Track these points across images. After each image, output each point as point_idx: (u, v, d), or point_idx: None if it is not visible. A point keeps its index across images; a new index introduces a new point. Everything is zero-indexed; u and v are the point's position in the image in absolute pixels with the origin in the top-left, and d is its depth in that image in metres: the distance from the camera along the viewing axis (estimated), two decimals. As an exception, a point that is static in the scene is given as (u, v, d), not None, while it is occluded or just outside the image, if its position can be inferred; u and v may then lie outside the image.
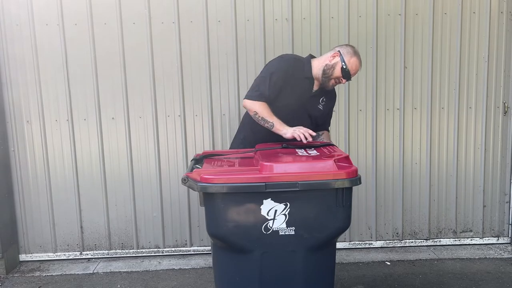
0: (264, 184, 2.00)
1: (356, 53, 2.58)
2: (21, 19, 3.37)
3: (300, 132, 2.42)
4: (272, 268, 2.16)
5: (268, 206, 2.05)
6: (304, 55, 3.42)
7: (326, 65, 2.59)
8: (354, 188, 3.67)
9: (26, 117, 3.47)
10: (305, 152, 2.30)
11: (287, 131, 2.46)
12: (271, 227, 2.07)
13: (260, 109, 2.52)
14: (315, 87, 2.67)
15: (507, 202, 3.75)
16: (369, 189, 3.65)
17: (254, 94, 2.54)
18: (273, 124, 2.50)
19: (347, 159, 2.17)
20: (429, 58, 3.53)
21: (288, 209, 2.06)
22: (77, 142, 3.51)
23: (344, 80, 2.58)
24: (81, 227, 3.60)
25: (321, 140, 2.75)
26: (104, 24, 3.40)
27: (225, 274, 2.25)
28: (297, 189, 2.00)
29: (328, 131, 2.94)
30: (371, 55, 3.50)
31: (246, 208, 2.07)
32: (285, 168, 2.05)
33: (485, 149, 3.66)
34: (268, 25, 3.43)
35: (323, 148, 2.39)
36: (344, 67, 2.53)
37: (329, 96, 2.78)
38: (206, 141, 3.54)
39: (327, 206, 2.07)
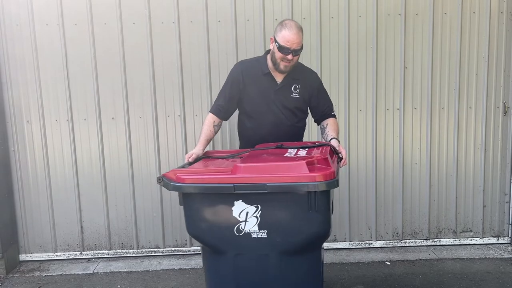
0: (232, 185, 1.98)
1: (285, 25, 2.49)
2: (21, 19, 3.37)
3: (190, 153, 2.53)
4: (247, 270, 2.14)
5: (239, 208, 2.03)
6: (304, 54, 3.45)
7: (270, 54, 2.60)
8: (354, 188, 3.71)
9: (26, 117, 3.47)
10: (294, 153, 2.25)
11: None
12: (243, 229, 2.05)
13: (204, 125, 2.68)
14: (279, 79, 2.63)
15: (507, 202, 3.75)
16: (369, 189, 3.65)
17: (213, 106, 2.75)
18: (199, 138, 2.66)
19: (325, 160, 2.07)
20: (429, 58, 3.53)
21: (260, 212, 2.02)
22: (77, 142, 3.51)
23: (289, 56, 2.49)
24: (81, 227, 3.61)
25: (326, 138, 2.66)
26: (104, 24, 3.40)
27: (208, 274, 2.26)
28: (266, 191, 1.96)
29: (332, 116, 2.76)
30: (371, 55, 3.50)
31: (219, 209, 2.07)
32: (255, 170, 2.01)
33: (485, 149, 3.66)
34: (268, 25, 3.43)
35: (317, 149, 2.33)
36: (278, 45, 2.48)
37: (304, 80, 2.67)
38: (206, 141, 3.53)
39: (300, 210, 1.98)
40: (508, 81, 3.61)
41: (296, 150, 2.33)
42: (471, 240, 3.77)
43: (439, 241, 3.76)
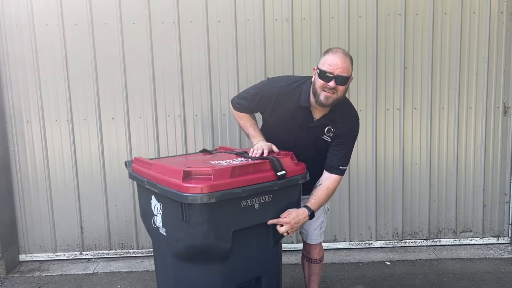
0: (145, 179, 2.09)
1: (329, 51, 2.17)
2: (21, 19, 3.37)
3: (256, 148, 2.23)
4: (158, 259, 2.32)
5: (154, 202, 2.12)
6: (304, 55, 3.46)
7: (311, 83, 2.23)
8: (354, 188, 3.72)
9: (26, 117, 3.47)
10: (232, 159, 2.18)
11: (254, 144, 2.33)
12: (156, 223, 2.13)
13: (241, 119, 2.44)
14: (317, 116, 2.28)
15: (507, 202, 3.75)
16: (369, 189, 3.65)
17: (238, 106, 2.42)
18: (249, 135, 2.43)
19: (221, 171, 1.90)
20: (429, 58, 3.53)
21: (162, 210, 2.07)
22: (77, 142, 3.51)
23: (331, 83, 2.10)
24: (81, 227, 3.61)
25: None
26: (104, 24, 3.40)
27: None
28: (157, 191, 2.00)
29: (336, 173, 2.30)
30: (371, 55, 3.50)
31: (146, 199, 2.20)
32: (159, 169, 2.05)
33: (485, 149, 3.66)
34: (268, 25, 3.43)
35: (258, 162, 2.12)
36: (319, 71, 2.14)
37: (341, 125, 2.27)
38: (206, 141, 3.54)
39: (178, 217, 1.92)
40: (508, 81, 3.61)
41: (247, 158, 2.18)
42: (471, 240, 3.77)
43: (439, 241, 3.76)
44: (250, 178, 1.96)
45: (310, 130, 2.30)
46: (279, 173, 2.04)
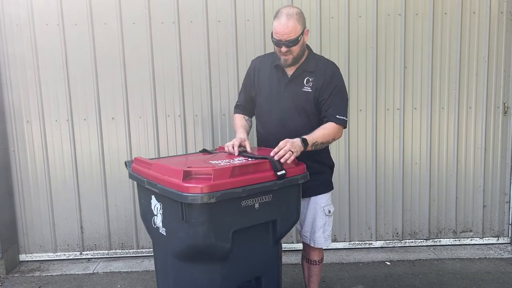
0: (145, 179, 2.09)
1: (275, 14, 2.27)
2: (21, 19, 3.37)
3: (229, 144, 2.32)
4: (158, 259, 2.32)
5: (154, 202, 2.12)
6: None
7: None
8: (354, 188, 3.72)
9: (26, 117, 3.47)
10: (232, 159, 2.17)
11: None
12: (156, 223, 2.13)
13: (234, 121, 2.61)
14: (290, 72, 2.36)
15: (507, 202, 3.75)
16: (369, 189, 3.65)
17: (236, 105, 2.64)
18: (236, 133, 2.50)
19: (221, 171, 1.90)
20: (429, 58, 3.53)
21: (162, 210, 2.07)
22: (77, 142, 3.51)
23: (282, 48, 2.24)
24: (81, 227, 3.61)
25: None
26: (104, 24, 3.40)
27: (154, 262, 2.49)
28: (157, 191, 2.00)
29: (336, 121, 2.29)
30: (371, 55, 3.50)
31: (146, 199, 2.19)
32: (159, 169, 2.05)
33: (485, 149, 3.66)
34: (268, 25, 3.43)
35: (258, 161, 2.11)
36: (272, 38, 2.28)
37: (319, 72, 2.33)
38: (206, 141, 3.54)
39: (179, 217, 1.91)
40: (508, 81, 3.61)
41: (242, 156, 2.19)
42: (471, 240, 3.77)
43: (439, 241, 3.76)
44: (250, 178, 1.97)
45: (288, 87, 2.36)
46: (279, 173, 2.04)
